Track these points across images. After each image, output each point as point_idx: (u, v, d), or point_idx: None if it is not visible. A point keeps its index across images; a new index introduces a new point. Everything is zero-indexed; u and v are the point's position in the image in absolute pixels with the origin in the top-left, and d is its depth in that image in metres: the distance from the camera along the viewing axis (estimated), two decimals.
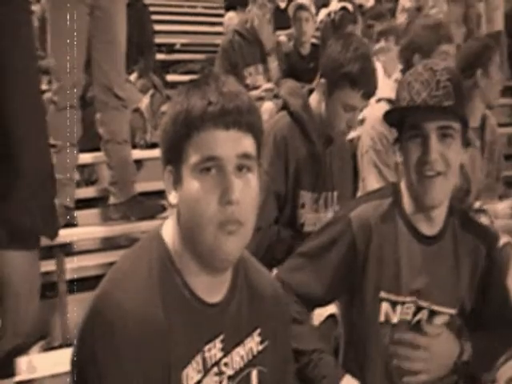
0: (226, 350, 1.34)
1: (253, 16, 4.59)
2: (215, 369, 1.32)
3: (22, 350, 1.54)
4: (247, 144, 1.25)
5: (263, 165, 2.27)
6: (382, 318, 1.75)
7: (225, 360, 1.34)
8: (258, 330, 1.42)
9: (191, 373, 1.27)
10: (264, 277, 1.50)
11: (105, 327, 1.20)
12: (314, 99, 2.44)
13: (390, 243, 1.75)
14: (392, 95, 2.02)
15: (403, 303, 1.75)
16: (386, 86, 2.99)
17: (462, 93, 1.71)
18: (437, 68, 1.68)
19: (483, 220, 2.72)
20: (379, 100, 2.91)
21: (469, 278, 1.80)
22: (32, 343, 2.55)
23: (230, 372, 1.35)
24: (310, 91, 2.48)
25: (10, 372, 2.41)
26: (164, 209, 3.31)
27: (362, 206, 1.77)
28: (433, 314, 1.77)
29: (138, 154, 4.01)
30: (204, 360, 1.30)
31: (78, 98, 3.36)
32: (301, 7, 5.09)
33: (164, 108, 4.31)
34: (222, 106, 1.21)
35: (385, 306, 1.75)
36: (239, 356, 1.37)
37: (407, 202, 1.76)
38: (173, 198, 1.28)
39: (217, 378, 1.33)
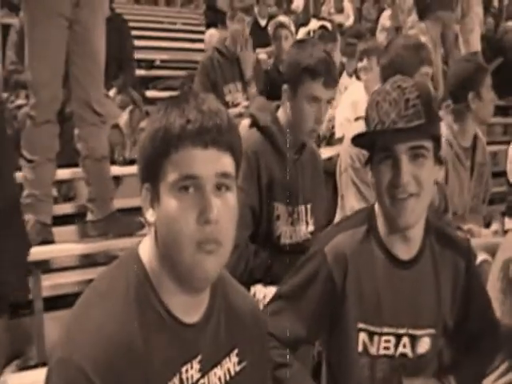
0: (204, 371, 1.32)
1: (232, 32, 4.61)
2: None
3: None
4: (226, 163, 1.24)
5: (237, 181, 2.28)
6: (359, 349, 1.73)
7: (202, 381, 1.32)
8: (236, 351, 1.40)
9: None
10: (242, 296, 1.50)
11: (80, 350, 1.17)
12: (281, 111, 2.49)
13: (367, 273, 1.72)
14: None
15: (381, 334, 1.72)
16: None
17: (433, 109, 1.68)
18: (405, 85, 1.64)
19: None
20: (357, 118, 2.93)
21: (450, 295, 1.78)
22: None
23: None
24: (278, 106, 2.53)
25: None
26: (143, 226, 3.27)
27: (337, 238, 1.73)
28: (414, 338, 1.75)
29: (116, 170, 3.97)
30: (181, 381, 1.28)
31: (55, 113, 3.33)
32: (281, 25, 5.14)
33: (143, 124, 4.29)
34: (201, 125, 1.20)
35: (362, 336, 1.72)
36: (217, 377, 1.35)
37: (382, 226, 1.73)
38: (150, 216, 1.27)
39: None
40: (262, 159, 2.38)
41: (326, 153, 3.67)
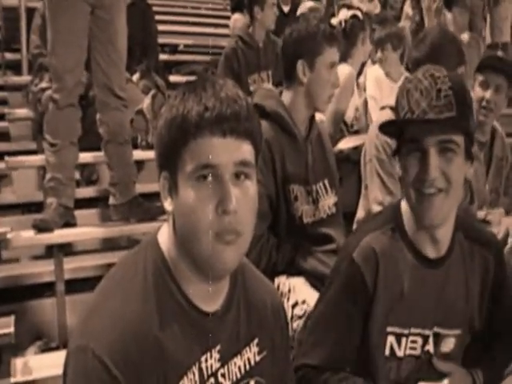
0: (224, 361, 1.32)
1: (261, 20, 4.54)
2: (212, 380, 1.30)
3: None
4: (245, 151, 1.22)
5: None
6: (387, 352, 1.69)
7: (222, 371, 1.32)
8: (256, 340, 1.39)
9: None
10: (263, 285, 1.48)
11: (97, 338, 1.17)
12: (285, 94, 2.51)
13: (395, 273, 1.66)
14: None
15: (408, 335, 1.69)
16: (391, 92, 2.96)
17: (466, 102, 1.60)
18: (438, 75, 1.58)
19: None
20: (383, 107, 2.89)
21: (479, 292, 1.74)
22: None
23: (227, 383, 1.33)
24: (280, 93, 2.56)
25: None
26: (164, 211, 3.27)
27: (365, 240, 1.68)
28: (439, 337, 1.72)
29: (139, 154, 4.00)
30: (200, 371, 1.27)
31: (78, 97, 3.35)
32: (311, 10, 5.07)
33: None
34: (219, 113, 1.18)
35: (390, 340, 1.68)
36: (237, 367, 1.35)
37: (409, 224, 1.68)
38: (168, 204, 1.25)
39: None
40: (274, 145, 2.40)
41: (351, 142, 3.65)
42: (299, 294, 2.27)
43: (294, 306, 2.25)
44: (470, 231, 1.75)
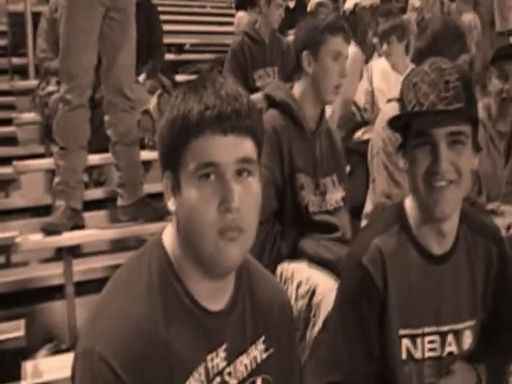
0: (230, 359, 1.31)
1: (268, 16, 4.53)
2: (218, 379, 1.29)
3: None
4: (247, 148, 1.21)
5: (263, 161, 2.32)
6: (403, 356, 1.66)
7: (228, 369, 1.31)
8: (263, 338, 1.38)
9: (194, 383, 1.24)
10: (268, 282, 1.47)
11: (103, 341, 1.17)
12: (296, 87, 2.55)
13: (403, 274, 1.65)
14: None
15: (423, 335, 1.67)
16: (398, 84, 2.94)
17: (472, 92, 1.60)
18: (445, 67, 1.57)
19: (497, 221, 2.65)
20: (390, 100, 2.87)
21: (483, 283, 1.73)
22: None
23: (233, 382, 1.32)
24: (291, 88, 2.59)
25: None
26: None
27: (372, 244, 1.66)
28: (457, 333, 1.69)
29: (146, 155, 3.99)
30: (206, 370, 1.26)
31: (88, 98, 3.35)
32: (320, 4, 5.07)
33: None
34: (220, 111, 1.17)
35: (405, 343, 1.66)
36: (243, 365, 1.34)
37: (414, 223, 1.66)
38: (171, 204, 1.25)
39: None
40: (282, 133, 2.43)
41: (365, 135, 3.63)
42: (302, 274, 2.30)
43: (299, 286, 2.27)
44: (473, 222, 1.74)
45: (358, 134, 3.95)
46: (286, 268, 2.36)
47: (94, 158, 3.82)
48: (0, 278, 3.21)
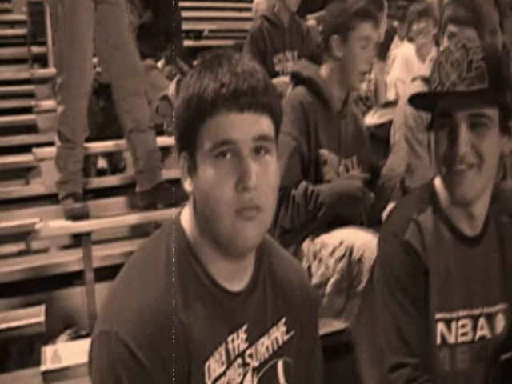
0: (251, 341, 1.29)
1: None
2: (239, 360, 1.27)
3: None
4: (264, 125, 1.18)
5: (284, 129, 2.30)
6: (438, 341, 1.62)
7: (249, 351, 1.29)
8: (284, 319, 1.36)
9: (214, 365, 1.21)
10: (290, 264, 1.45)
11: (121, 323, 1.14)
12: (324, 68, 2.55)
13: (440, 254, 1.61)
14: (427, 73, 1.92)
15: (457, 319, 1.63)
16: (419, 70, 2.89)
17: (501, 74, 1.52)
18: (470, 46, 1.51)
19: None
20: (414, 78, 2.84)
21: None
22: None
23: (254, 363, 1.30)
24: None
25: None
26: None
27: (413, 220, 1.61)
28: (490, 317, 1.65)
29: (165, 141, 3.99)
30: (227, 351, 1.24)
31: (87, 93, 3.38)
32: None
33: None
34: (236, 88, 1.14)
35: (440, 327, 1.62)
36: (264, 346, 1.32)
37: (445, 202, 1.62)
38: (188, 185, 1.23)
39: (241, 370, 1.27)
40: (309, 109, 2.44)
41: (378, 119, 3.57)
42: (333, 240, 2.32)
43: (333, 252, 2.30)
44: (504, 205, 1.69)
45: (373, 119, 3.90)
46: (310, 244, 2.38)
47: (109, 145, 3.81)
48: (20, 264, 3.22)
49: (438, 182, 1.65)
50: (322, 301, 2.31)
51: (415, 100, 1.60)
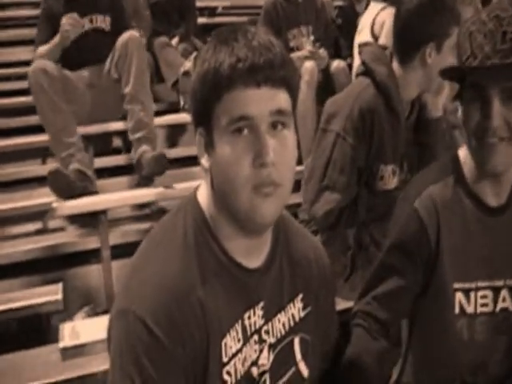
0: (267, 317, 1.29)
1: None
2: (256, 337, 1.27)
3: None
4: (281, 99, 1.16)
5: (348, 139, 2.27)
6: (456, 310, 1.61)
7: (265, 328, 1.29)
8: (300, 296, 1.36)
9: (230, 342, 1.21)
10: (306, 239, 1.44)
11: (139, 300, 1.15)
12: (399, 68, 2.35)
13: (458, 225, 1.60)
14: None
15: (477, 289, 1.62)
16: None
17: None
18: (504, 15, 1.45)
19: None
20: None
21: None
22: None
23: (271, 340, 1.30)
24: (391, 56, 2.41)
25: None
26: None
27: (427, 190, 1.61)
28: None
29: (182, 118, 3.99)
30: (244, 328, 1.24)
31: None
32: None
33: None
34: (252, 63, 1.12)
35: (458, 296, 1.61)
36: (281, 323, 1.32)
37: (469, 174, 1.61)
38: (205, 161, 1.22)
39: (257, 347, 1.28)
40: (376, 118, 2.30)
41: None
42: None
43: None
44: None
45: None
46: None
47: (119, 125, 3.81)
48: (37, 243, 3.22)
49: (462, 153, 1.64)
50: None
51: (445, 72, 1.58)
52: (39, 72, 3.31)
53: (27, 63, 3.71)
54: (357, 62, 3.77)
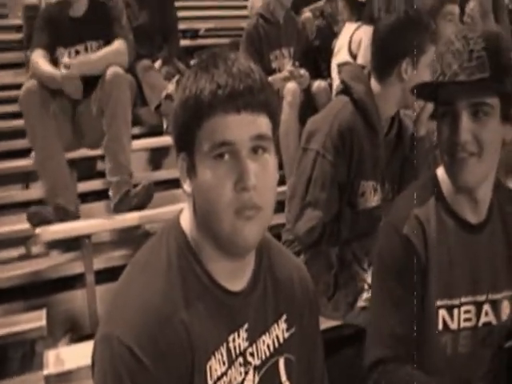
0: (252, 339, 1.29)
1: None
2: (240, 359, 1.27)
3: None
4: (261, 124, 1.18)
5: (328, 157, 2.29)
6: (440, 327, 1.63)
7: (250, 350, 1.29)
8: (284, 317, 1.36)
9: (215, 365, 1.21)
10: (289, 261, 1.45)
11: (123, 325, 1.14)
12: (377, 85, 2.38)
13: (441, 243, 1.62)
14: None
15: (460, 305, 1.63)
16: None
17: (502, 63, 1.53)
18: (471, 36, 1.52)
19: None
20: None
21: None
22: None
23: (256, 362, 1.30)
24: (369, 75, 2.43)
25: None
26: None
27: (412, 214, 1.63)
28: (495, 304, 1.66)
29: (165, 140, 3.98)
30: (228, 351, 1.24)
31: None
32: None
33: None
34: (232, 89, 1.15)
35: (441, 313, 1.63)
36: (265, 345, 1.32)
37: (448, 191, 1.64)
38: (187, 186, 1.23)
39: (242, 369, 1.27)
40: (355, 135, 2.32)
41: None
42: None
43: None
44: (507, 192, 1.72)
45: None
46: None
47: None
48: (21, 269, 3.19)
49: (440, 172, 1.66)
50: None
51: (418, 89, 1.61)
52: (31, 94, 3.28)
53: (10, 87, 3.73)
54: (336, 82, 3.82)
